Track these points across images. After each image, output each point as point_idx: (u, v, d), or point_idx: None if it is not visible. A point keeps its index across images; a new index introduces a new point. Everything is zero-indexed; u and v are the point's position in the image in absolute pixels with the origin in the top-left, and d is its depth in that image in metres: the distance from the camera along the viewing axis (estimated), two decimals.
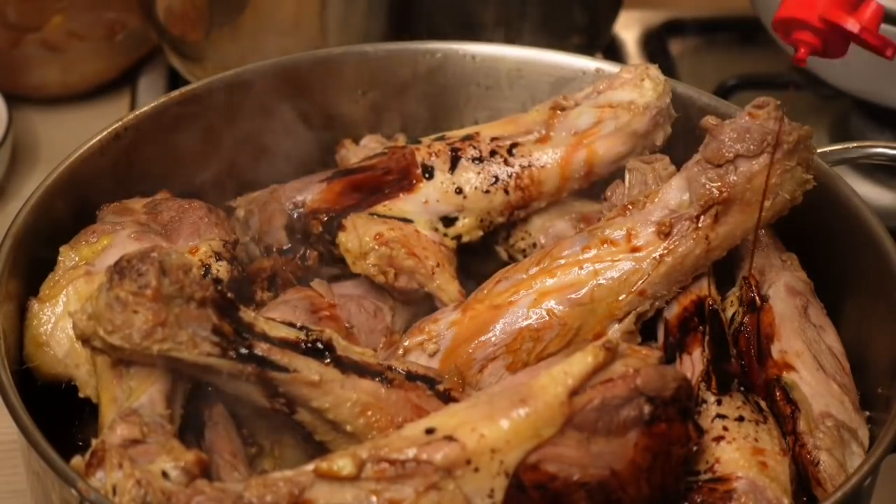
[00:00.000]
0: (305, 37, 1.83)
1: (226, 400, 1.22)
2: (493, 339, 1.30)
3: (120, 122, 1.47)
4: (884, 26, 1.22)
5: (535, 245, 1.46)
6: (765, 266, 1.37)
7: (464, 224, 1.44)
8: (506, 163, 1.44)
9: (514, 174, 1.44)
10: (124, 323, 1.11)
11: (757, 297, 1.34)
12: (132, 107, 2.02)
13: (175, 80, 2.01)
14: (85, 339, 1.13)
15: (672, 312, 1.32)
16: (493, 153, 1.45)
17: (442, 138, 1.48)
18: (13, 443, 1.38)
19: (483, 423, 1.08)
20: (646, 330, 1.32)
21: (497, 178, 1.44)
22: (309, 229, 1.43)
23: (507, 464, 1.07)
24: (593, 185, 1.47)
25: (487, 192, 1.44)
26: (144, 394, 1.15)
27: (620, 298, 1.29)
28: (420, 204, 1.43)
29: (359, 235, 1.39)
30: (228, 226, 1.42)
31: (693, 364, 1.27)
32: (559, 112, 1.46)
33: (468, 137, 1.47)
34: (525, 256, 1.44)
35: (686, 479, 1.17)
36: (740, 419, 1.22)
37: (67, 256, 1.34)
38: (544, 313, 1.29)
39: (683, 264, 1.29)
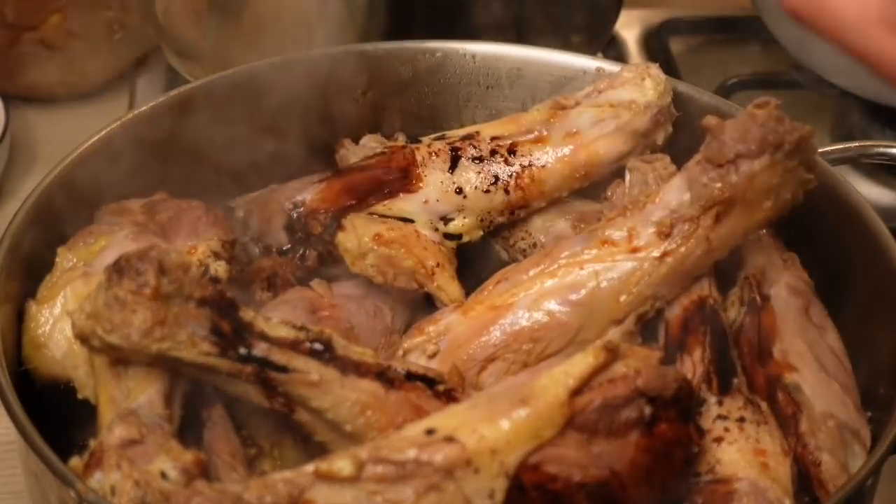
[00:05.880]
0: (305, 36, 1.83)
1: (225, 400, 1.22)
2: (493, 339, 1.29)
3: (118, 122, 1.47)
4: None
5: (535, 245, 1.45)
6: (766, 266, 1.37)
7: (464, 224, 1.44)
8: (506, 162, 1.44)
9: (514, 174, 1.44)
10: (123, 322, 1.10)
11: (758, 297, 1.33)
12: (131, 106, 2.02)
13: (174, 80, 2.01)
14: (83, 339, 1.13)
15: (673, 313, 1.31)
16: (493, 153, 1.44)
17: (442, 138, 1.48)
18: (11, 444, 1.38)
19: (483, 424, 1.08)
20: (647, 330, 1.32)
21: (497, 178, 1.44)
22: (308, 229, 1.43)
23: (508, 464, 1.07)
24: (593, 185, 1.47)
25: (488, 191, 1.43)
26: (143, 394, 1.15)
27: (621, 299, 1.29)
28: (420, 204, 1.43)
29: (358, 235, 1.38)
30: (227, 225, 1.42)
31: (694, 365, 1.27)
32: (560, 111, 1.46)
33: (468, 137, 1.47)
34: (525, 256, 1.44)
35: (687, 480, 1.17)
36: (741, 420, 1.21)
37: (65, 258, 1.34)
38: (544, 314, 1.29)
39: (684, 265, 1.29)
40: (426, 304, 1.40)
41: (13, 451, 1.40)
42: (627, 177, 1.41)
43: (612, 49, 2.15)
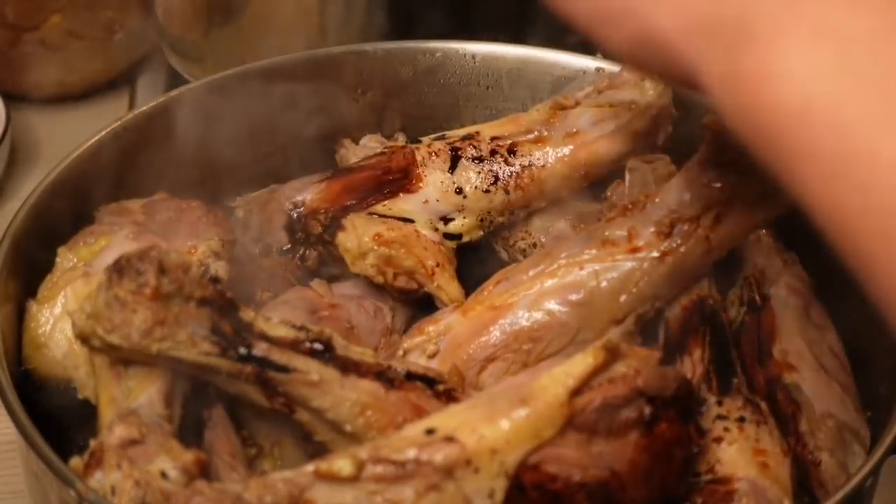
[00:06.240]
0: (305, 36, 1.83)
1: (225, 400, 1.21)
2: (492, 339, 1.29)
3: (119, 122, 1.47)
4: None
5: (535, 245, 1.45)
6: (765, 265, 1.37)
7: (464, 224, 1.44)
8: (506, 162, 1.44)
9: (514, 174, 1.44)
10: (123, 322, 1.10)
11: (758, 297, 1.33)
12: (131, 106, 2.01)
13: (174, 80, 2.01)
14: (84, 339, 1.13)
15: (673, 313, 1.31)
16: (493, 153, 1.44)
17: (442, 138, 1.48)
18: (11, 444, 1.38)
19: (483, 424, 1.07)
20: (647, 330, 1.32)
21: (497, 178, 1.44)
22: (308, 229, 1.42)
23: (508, 464, 1.07)
24: (593, 185, 1.47)
25: (488, 191, 1.43)
26: (143, 394, 1.15)
27: (621, 299, 1.29)
28: (420, 204, 1.43)
29: (358, 235, 1.38)
30: (227, 225, 1.42)
31: (694, 365, 1.27)
32: (560, 111, 1.46)
33: (468, 137, 1.47)
34: (525, 256, 1.44)
35: (687, 479, 1.17)
36: (741, 420, 1.21)
37: (65, 258, 1.34)
38: (544, 314, 1.29)
39: (684, 264, 1.29)
40: (426, 304, 1.40)
41: (13, 451, 1.40)
42: (627, 177, 1.41)
43: None
